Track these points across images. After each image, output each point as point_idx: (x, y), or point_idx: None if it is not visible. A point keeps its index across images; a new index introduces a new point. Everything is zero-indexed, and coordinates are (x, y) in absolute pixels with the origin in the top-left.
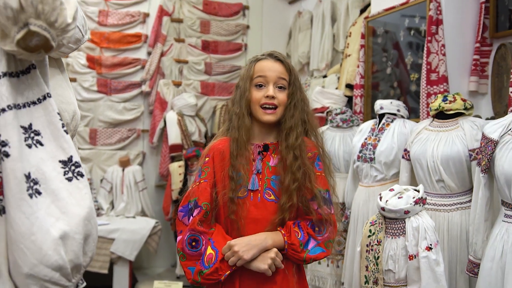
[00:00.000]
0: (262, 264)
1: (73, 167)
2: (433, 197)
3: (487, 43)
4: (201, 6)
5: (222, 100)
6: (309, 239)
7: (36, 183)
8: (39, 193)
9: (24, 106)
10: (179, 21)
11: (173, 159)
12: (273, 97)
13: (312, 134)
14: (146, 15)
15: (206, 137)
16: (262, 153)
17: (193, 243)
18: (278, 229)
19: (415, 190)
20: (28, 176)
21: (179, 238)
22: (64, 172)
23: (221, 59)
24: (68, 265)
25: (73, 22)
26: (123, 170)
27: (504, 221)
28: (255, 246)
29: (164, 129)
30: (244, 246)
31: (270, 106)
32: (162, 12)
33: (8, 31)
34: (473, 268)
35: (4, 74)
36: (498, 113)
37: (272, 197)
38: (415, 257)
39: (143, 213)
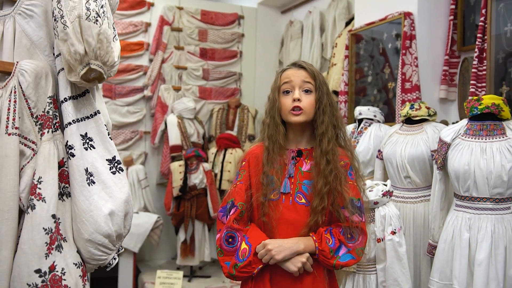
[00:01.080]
0: (292, 266)
1: (116, 164)
2: (401, 191)
3: (455, 56)
4: (199, 16)
5: (219, 104)
6: (340, 246)
7: (91, 175)
8: (94, 183)
9: (81, 120)
10: (179, 30)
11: (173, 159)
12: (299, 100)
13: (342, 138)
14: (148, 24)
15: (204, 138)
16: (296, 158)
17: (230, 240)
18: (311, 234)
19: (384, 184)
20: (86, 170)
21: (217, 236)
22: (110, 167)
23: (217, 65)
24: (114, 234)
25: (118, 60)
26: (127, 169)
27: (455, 210)
28: (288, 249)
29: (165, 131)
30: (277, 247)
31: (297, 108)
32: (162, 22)
33: (74, 68)
34: (432, 250)
35: (70, 98)
36: (463, 118)
37: (303, 200)
38: (382, 240)
39: (145, 209)
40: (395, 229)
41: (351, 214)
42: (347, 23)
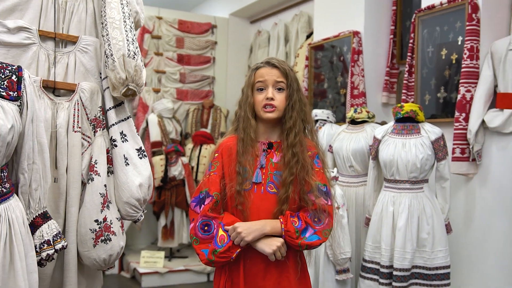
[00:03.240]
0: (268, 248)
1: (142, 152)
2: (346, 177)
3: (395, 68)
4: (177, 25)
5: (194, 104)
6: (307, 228)
7: (127, 159)
8: (128, 164)
9: (119, 122)
10: (158, 37)
11: (154, 154)
12: (272, 98)
13: (309, 132)
14: None
15: (181, 135)
16: (267, 150)
17: (206, 228)
18: (279, 218)
19: (332, 171)
20: (124, 156)
21: (191, 225)
22: (138, 154)
23: (193, 70)
24: (142, 199)
25: (145, 82)
26: None
27: (384, 190)
28: (256, 230)
29: (146, 128)
30: (246, 229)
31: (270, 106)
32: (143, 30)
33: (117, 88)
34: (368, 222)
35: (112, 107)
36: None
37: (274, 190)
38: None
39: None
40: (339, 205)
41: (317, 198)
42: (308, 36)
